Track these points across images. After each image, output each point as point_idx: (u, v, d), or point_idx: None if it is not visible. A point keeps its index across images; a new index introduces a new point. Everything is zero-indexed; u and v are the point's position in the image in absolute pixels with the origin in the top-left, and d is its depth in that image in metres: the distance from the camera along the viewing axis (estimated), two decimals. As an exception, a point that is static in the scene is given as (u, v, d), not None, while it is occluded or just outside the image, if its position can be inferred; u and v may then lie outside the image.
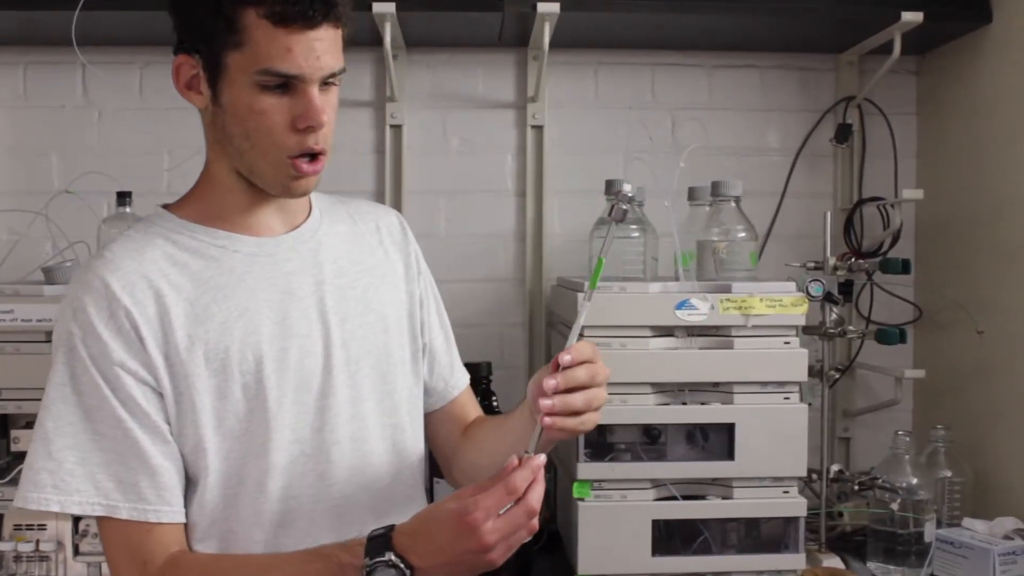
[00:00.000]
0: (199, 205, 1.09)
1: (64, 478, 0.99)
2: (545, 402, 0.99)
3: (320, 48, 0.98)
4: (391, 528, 0.96)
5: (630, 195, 1.08)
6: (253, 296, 1.06)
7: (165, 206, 1.11)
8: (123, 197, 1.70)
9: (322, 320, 1.10)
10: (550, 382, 1.00)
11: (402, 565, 0.92)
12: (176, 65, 1.03)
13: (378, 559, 0.92)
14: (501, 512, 0.92)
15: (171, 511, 1.02)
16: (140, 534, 1.01)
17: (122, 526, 1.01)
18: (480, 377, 1.71)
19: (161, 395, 1.02)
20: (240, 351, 1.04)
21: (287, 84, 0.99)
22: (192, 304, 1.03)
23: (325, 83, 1.02)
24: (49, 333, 1.49)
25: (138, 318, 1.00)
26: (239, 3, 0.96)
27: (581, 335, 1.06)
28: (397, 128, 2.03)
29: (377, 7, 1.70)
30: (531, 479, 0.93)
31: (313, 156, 1.03)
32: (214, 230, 1.08)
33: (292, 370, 1.06)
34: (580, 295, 1.04)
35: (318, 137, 1.02)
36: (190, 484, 1.06)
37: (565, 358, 1.00)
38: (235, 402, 1.04)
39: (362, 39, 1.94)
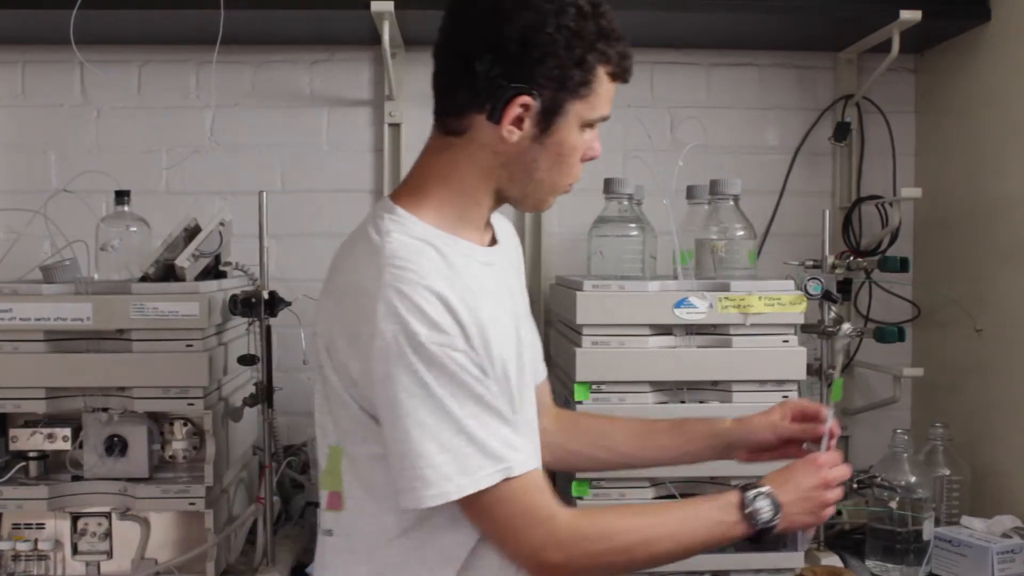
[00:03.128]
0: (438, 212, 1.10)
1: (467, 462, 1.00)
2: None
3: None
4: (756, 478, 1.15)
5: None
6: (500, 304, 1.12)
7: (397, 202, 1.11)
8: (121, 196, 1.70)
9: (515, 327, 1.17)
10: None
11: (775, 495, 1.13)
12: (514, 102, 1.05)
13: (757, 491, 1.12)
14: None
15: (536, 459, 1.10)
16: (535, 486, 1.04)
17: (516, 485, 1.02)
18: (479, 375, 1.71)
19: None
20: (505, 360, 1.09)
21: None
22: (483, 312, 1.06)
23: None
24: (48, 332, 1.51)
25: (469, 325, 1.03)
26: (599, 61, 1.08)
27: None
28: (396, 126, 2.03)
29: (375, 6, 1.69)
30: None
31: None
32: (454, 238, 1.10)
33: (515, 378, 1.13)
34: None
35: None
36: None
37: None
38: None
39: (360, 38, 1.94)
